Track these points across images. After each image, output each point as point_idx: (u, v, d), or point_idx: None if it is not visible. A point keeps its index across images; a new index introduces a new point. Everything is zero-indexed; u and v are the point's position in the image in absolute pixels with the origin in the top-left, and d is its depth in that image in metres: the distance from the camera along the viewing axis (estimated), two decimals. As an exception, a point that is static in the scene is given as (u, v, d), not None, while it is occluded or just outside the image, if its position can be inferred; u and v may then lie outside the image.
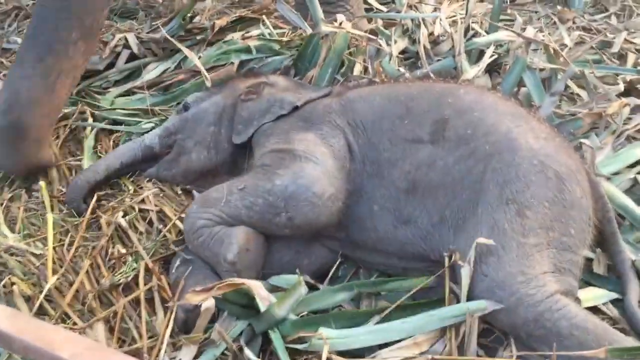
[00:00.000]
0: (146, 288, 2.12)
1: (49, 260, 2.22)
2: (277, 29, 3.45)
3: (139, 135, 2.91)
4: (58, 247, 2.35)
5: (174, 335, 1.99)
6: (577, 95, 3.02)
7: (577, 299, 1.96)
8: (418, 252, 2.16)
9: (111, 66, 3.34)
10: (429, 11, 3.73)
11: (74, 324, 2.08)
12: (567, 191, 2.02)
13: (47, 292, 2.12)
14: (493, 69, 3.15)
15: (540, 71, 2.99)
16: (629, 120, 2.78)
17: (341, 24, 3.04)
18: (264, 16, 3.47)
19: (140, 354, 1.94)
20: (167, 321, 1.96)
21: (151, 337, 2.03)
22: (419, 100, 2.25)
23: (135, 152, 2.68)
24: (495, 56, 3.14)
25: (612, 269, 2.21)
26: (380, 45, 3.24)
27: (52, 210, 2.49)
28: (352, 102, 2.35)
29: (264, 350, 1.99)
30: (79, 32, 2.49)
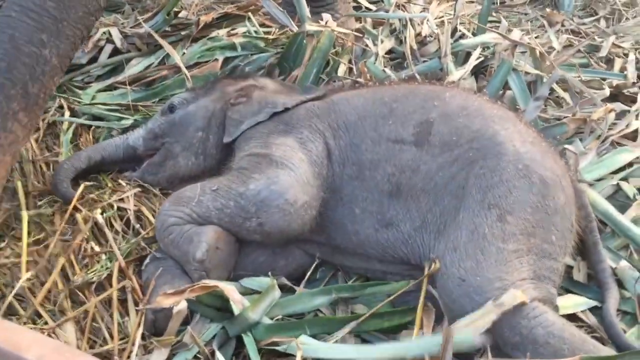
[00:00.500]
0: (118, 287, 2.08)
1: (23, 259, 2.18)
2: (263, 27, 3.41)
3: (119, 131, 2.87)
4: (32, 244, 2.29)
5: (145, 338, 1.96)
6: (563, 100, 3.01)
7: (555, 307, 1.94)
8: (399, 256, 2.14)
9: (94, 60, 3.29)
10: (417, 11, 3.72)
11: (44, 323, 2.04)
12: (551, 197, 2.00)
13: (18, 290, 2.08)
14: (479, 72, 3.13)
15: (526, 75, 2.98)
16: (614, 125, 2.78)
17: (327, 23, 3.01)
18: (250, 13, 3.42)
19: (110, 356, 1.91)
20: (138, 324, 1.93)
21: (122, 338, 1.99)
22: (403, 102, 2.22)
23: (118, 149, 2.63)
24: (482, 58, 3.12)
25: (592, 277, 2.20)
26: (367, 45, 3.22)
27: (27, 208, 2.44)
28: (335, 104, 2.32)
29: (238, 354, 1.97)
30: (22, 102, 2.13)
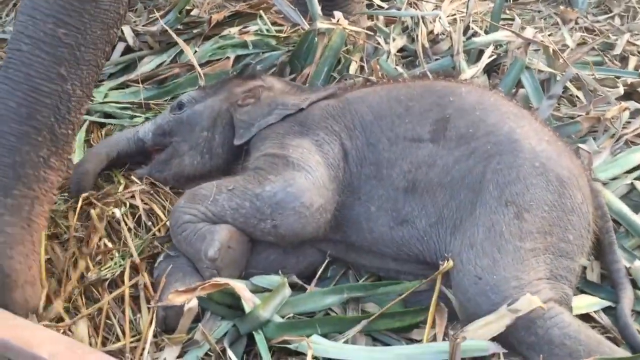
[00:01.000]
0: (131, 283, 2.09)
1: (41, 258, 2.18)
2: (275, 25, 3.40)
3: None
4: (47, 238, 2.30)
5: (157, 335, 1.96)
6: (576, 98, 2.98)
7: (570, 308, 1.93)
8: (414, 253, 2.13)
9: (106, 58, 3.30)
10: (429, 9, 3.69)
11: (58, 320, 2.04)
12: (568, 196, 1.98)
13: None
14: (492, 70, 3.11)
15: (539, 73, 2.95)
16: (628, 124, 2.75)
17: (338, 21, 3.00)
18: (261, 11, 3.42)
19: (122, 353, 1.91)
20: (150, 321, 1.93)
21: (134, 335, 2.00)
22: (419, 100, 2.22)
23: (130, 142, 2.64)
24: (494, 56, 3.09)
25: (605, 277, 2.18)
26: (378, 43, 3.21)
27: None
28: (350, 104, 2.31)
29: (248, 352, 1.97)
30: (51, 147, 1.99)
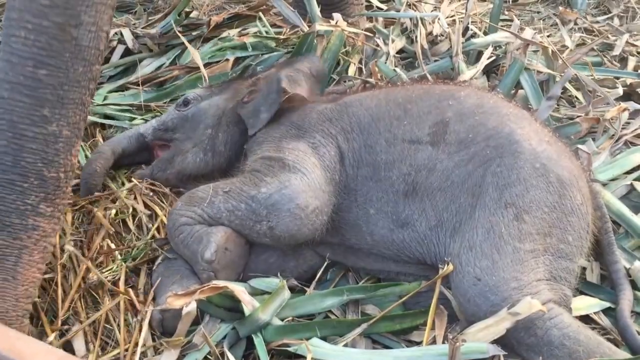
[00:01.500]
0: (128, 290, 2.09)
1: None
2: (274, 27, 3.41)
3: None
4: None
5: (155, 339, 1.96)
6: (575, 99, 2.98)
7: (570, 309, 1.93)
8: (414, 256, 2.13)
9: (106, 61, 3.30)
10: (428, 10, 3.68)
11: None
12: (568, 197, 1.98)
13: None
14: (491, 71, 3.11)
15: (539, 74, 2.95)
16: (627, 124, 2.75)
17: (337, 23, 3.00)
18: (260, 13, 3.42)
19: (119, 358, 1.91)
20: (139, 328, 1.93)
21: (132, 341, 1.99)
22: (418, 102, 2.21)
23: (131, 139, 2.64)
24: (494, 57, 3.09)
25: (605, 277, 2.18)
26: (377, 45, 3.21)
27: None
28: (348, 107, 2.31)
29: (248, 355, 1.97)
30: (39, 193, 1.83)
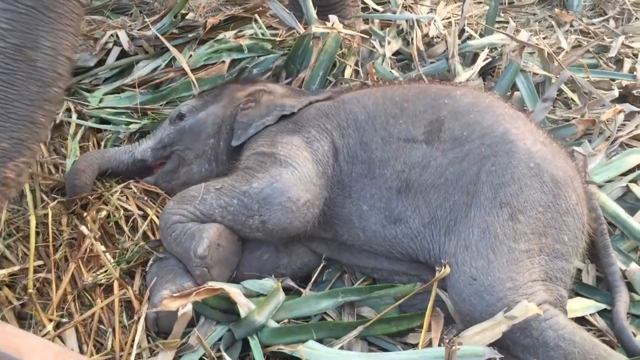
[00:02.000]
0: (121, 293, 2.09)
1: (30, 263, 2.18)
2: (270, 29, 3.41)
3: (126, 134, 2.87)
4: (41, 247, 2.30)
5: (150, 341, 1.95)
6: (571, 101, 2.98)
7: (565, 310, 1.93)
8: (407, 252, 2.13)
9: (101, 63, 3.29)
10: (424, 12, 3.70)
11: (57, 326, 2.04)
12: (563, 197, 1.98)
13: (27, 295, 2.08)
14: (487, 73, 3.11)
15: (534, 75, 2.95)
16: (623, 126, 2.75)
17: (333, 25, 3.00)
18: (256, 15, 3.41)
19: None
20: (134, 332, 1.93)
21: (127, 342, 1.98)
22: (414, 101, 2.22)
23: (126, 164, 2.61)
24: (489, 59, 3.10)
25: (600, 279, 2.18)
26: (374, 47, 3.21)
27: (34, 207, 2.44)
28: (345, 103, 2.32)
29: (243, 357, 1.96)
30: None
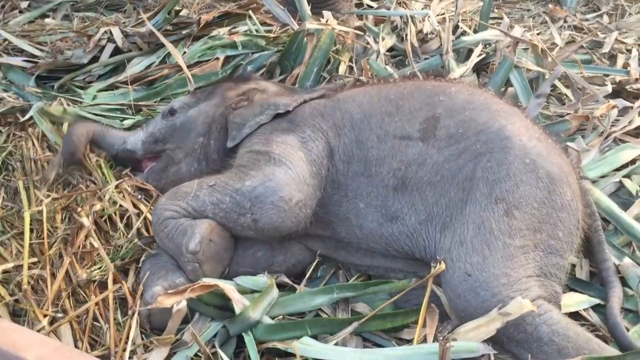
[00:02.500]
0: (115, 288, 2.08)
1: (25, 259, 2.17)
2: (264, 26, 3.40)
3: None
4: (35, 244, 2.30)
5: (144, 338, 1.95)
6: (565, 96, 2.99)
7: (559, 305, 1.93)
8: (403, 250, 2.13)
9: (95, 60, 3.29)
10: (418, 8, 3.70)
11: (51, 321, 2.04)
12: (558, 193, 1.99)
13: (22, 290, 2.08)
14: (481, 69, 3.12)
15: (528, 71, 2.96)
16: (616, 122, 2.76)
17: (327, 21, 3.00)
18: (250, 12, 3.41)
19: (109, 357, 1.90)
20: (128, 328, 1.93)
21: (121, 339, 1.97)
22: (409, 99, 2.22)
23: (116, 149, 2.63)
24: (483, 55, 3.10)
25: (594, 274, 2.19)
26: (368, 43, 3.20)
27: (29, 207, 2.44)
28: (340, 102, 2.31)
29: (238, 354, 1.96)
30: None
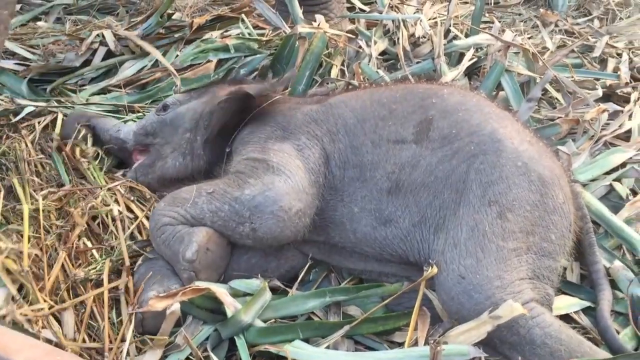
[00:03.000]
0: (111, 286, 2.07)
1: (24, 256, 2.15)
2: (257, 29, 3.41)
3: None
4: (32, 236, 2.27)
5: (138, 337, 1.94)
6: (556, 100, 3.01)
7: (551, 308, 1.94)
8: (397, 253, 2.13)
9: (87, 63, 3.28)
10: (410, 12, 3.72)
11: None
12: (550, 196, 2.00)
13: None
14: (472, 72, 3.13)
15: (519, 75, 2.97)
16: (607, 125, 2.78)
17: (319, 25, 3.00)
18: (243, 15, 3.41)
19: (102, 354, 1.90)
20: (124, 328, 1.92)
21: (116, 338, 1.97)
22: (402, 102, 2.22)
23: (109, 136, 2.67)
24: (475, 59, 3.12)
25: (584, 277, 2.20)
26: (360, 47, 3.21)
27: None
28: (333, 108, 2.31)
29: (230, 357, 1.96)
30: None
